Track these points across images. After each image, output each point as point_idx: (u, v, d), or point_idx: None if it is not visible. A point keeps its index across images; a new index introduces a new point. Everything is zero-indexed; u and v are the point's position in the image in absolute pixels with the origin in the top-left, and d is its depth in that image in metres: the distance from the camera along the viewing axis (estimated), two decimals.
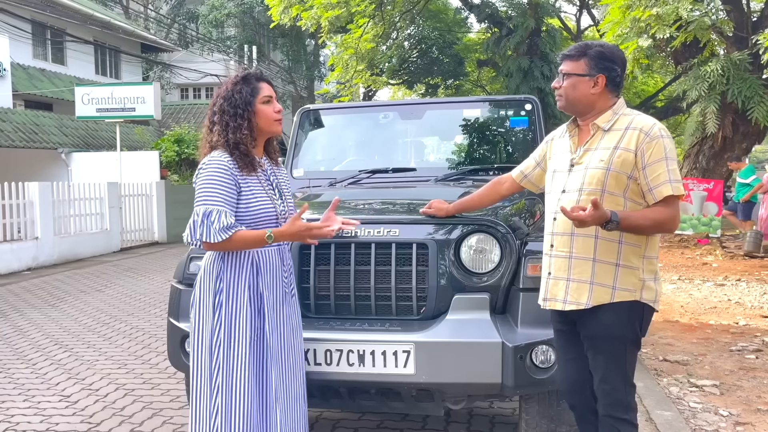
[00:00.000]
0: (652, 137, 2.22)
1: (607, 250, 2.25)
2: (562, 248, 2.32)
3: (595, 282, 2.25)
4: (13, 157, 14.51)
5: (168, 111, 20.89)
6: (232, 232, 2.25)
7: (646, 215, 2.23)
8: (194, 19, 27.35)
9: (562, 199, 2.33)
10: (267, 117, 2.43)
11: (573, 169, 2.33)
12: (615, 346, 2.28)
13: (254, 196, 2.38)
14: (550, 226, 2.38)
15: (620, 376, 2.29)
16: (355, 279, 2.79)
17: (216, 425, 2.32)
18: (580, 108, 2.34)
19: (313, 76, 29.06)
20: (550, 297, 2.35)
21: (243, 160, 2.37)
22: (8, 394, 4.23)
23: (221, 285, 2.37)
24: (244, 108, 2.38)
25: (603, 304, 2.25)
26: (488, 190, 2.85)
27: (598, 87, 2.29)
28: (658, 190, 2.20)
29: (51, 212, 10.81)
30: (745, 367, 4.48)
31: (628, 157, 2.22)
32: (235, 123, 2.37)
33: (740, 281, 8.06)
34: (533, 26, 16.01)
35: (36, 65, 18.78)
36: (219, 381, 2.33)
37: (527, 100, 4.13)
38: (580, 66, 2.29)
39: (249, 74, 2.45)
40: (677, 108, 18.84)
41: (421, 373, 2.57)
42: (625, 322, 2.26)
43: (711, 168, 12.61)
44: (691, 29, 8.77)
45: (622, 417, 2.30)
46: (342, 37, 15.59)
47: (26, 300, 7.64)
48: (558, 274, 2.32)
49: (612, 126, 2.30)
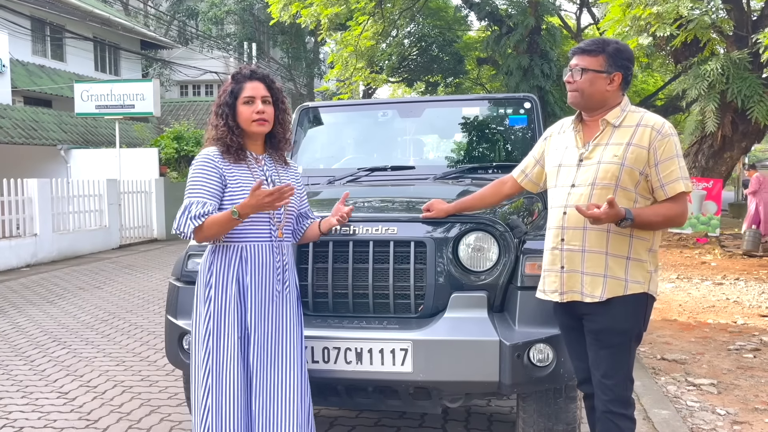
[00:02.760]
0: (664, 135, 2.26)
1: (619, 244, 2.28)
2: (575, 242, 2.33)
3: (608, 275, 2.29)
4: (12, 154, 14.51)
5: (167, 108, 20.90)
6: (202, 219, 2.30)
7: (657, 211, 2.27)
8: (194, 15, 27.32)
9: (573, 193, 2.34)
10: (245, 117, 2.45)
11: (582, 164, 2.34)
12: (620, 340, 2.31)
13: (240, 188, 2.40)
14: (558, 221, 2.38)
15: (622, 372, 2.32)
16: (353, 277, 2.79)
17: (207, 420, 2.35)
18: (592, 104, 2.35)
19: (313, 73, 29.04)
20: (567, 290, 2.35)
21: (228, 152, 2.43)
22: (6, 391, 4.22)
23: (211, 278, 2.41)
24: (225, 107, 2.44)
25: (615, 297, 2.28)
26: (490, 191, 2.84)
27: (614, 84, 2.32)
28: (671, 187, 2.25)
29: (50, 209, 10.80)
30: (743, 366, 4.49)
31: (642, 153, 2.26)
32: (217, 120, 2.45)
33: (739, 280, 8.07)
34: (533, 24, 15.98)
35: (35, 62, 18.76)
36: (208, 373, 2.37)
37: (526, 99, 4.12)
38: (599, 62, 2.30)
39: (238, 73, 2.49)
40: (677, 107, 18.82)
41: (419, 371, 2.57)
42: (633, 315, 2.30)
43: (710, 167, 12.60)
44: (691, 28, 8.77)
45: (622, 412, 2.32)
46: (342, 35, 15.58)
47: (25, 297, 7.64)
48: (572, 267, 2.34)
49: (621, 122, 2.32)
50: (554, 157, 2.49)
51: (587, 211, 2.18)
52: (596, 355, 2.34)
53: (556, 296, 2.39)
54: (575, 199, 2.32)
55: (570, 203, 2.33)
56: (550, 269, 2.41)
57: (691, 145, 13.22)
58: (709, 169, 12.61)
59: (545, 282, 2.43)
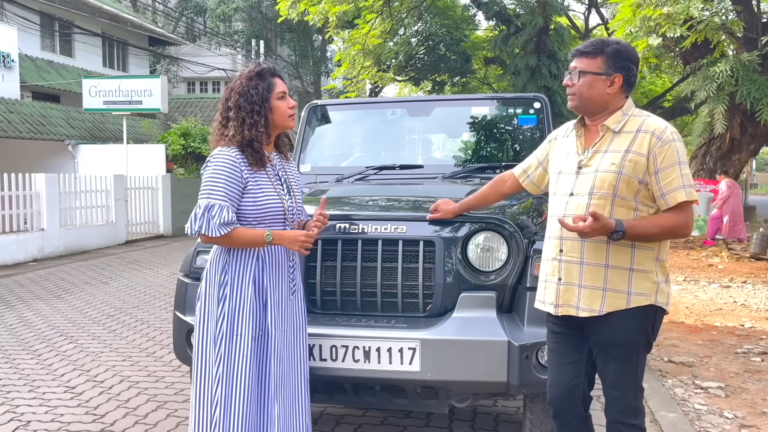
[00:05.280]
0: (665, 141, 2.14)
1: (620, 255, 2.17)
2: (573, 253, 2.23)
3: (608, 288, 2.18)
4: (20, 149, 14.57)
5: (175, 104, 20.93)
6: (231, 228, 2.29)
7: (654, 223, 2.16)
8: (202, 12, 27.39)
9: (571, 202, 2.25)
10: (282, 113, 2.44)
11: (581, 172, 2.24)
12: (628, 352, 2.22)
13: (262, 192, 2.38)
14: (557, 230, 2.28)
15: (631, 382, 2.24)
16: (361, 275, 2.79)
17: (215, 417, 2.33)
18: (592, 107, 2.25)
19: (320, 71, 29.07)
20: (563, 303, 2.26)
21: (254, 157, 2.38)
22: (13, 385, 4.24)
23: (226, 278, 2.38)
24: (261, 104, 2.39)
25: (617, 311, 2.18)
26: (491, 189, 2.80)
27: (614, 87, 2.20)
28: (671, 196, 2.13)
29: (57, 204, 10.84)
30: (751, 370, 4.47)
31: (640, 161, 2.14)
32: (252, 120, 2.37)
33: (746, 283, 8.03)
34: (541, 24, 15.95)
35: (44, 57, 18.81)
36: (220, 373, 2.35)
37: (536, 99, 4.11)
38: (597, 64, 2.20)
39: (263, 69, 2.45)
40: (685, 108, 18.78)
41: (427, 370, 2.57)
42: (639, 327, 2.20)
43: (718, 169, 12.55)
44: (701, 29, 8.72)
45: (631, 423, 2.25)
46: (349, 33, 15.59)
47: (32, 291, 7.67)
48: (569, 279, 2.24)
49: (622, 128, 2.21)
50: (556, 162, 2.40)
51: (569, 225, 2.10)
52: (604, 365, 2.26)
53: (551, 308, 2.31)
54: (573, 208, 2.22)
55: (568, 212, 2.23)
56: (548, 280, 2.32)
57: (699, 147, 13.18)
58: (717, 171, 12.56)
59: (544, 292, 2.35)
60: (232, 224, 2.29)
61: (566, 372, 2.35)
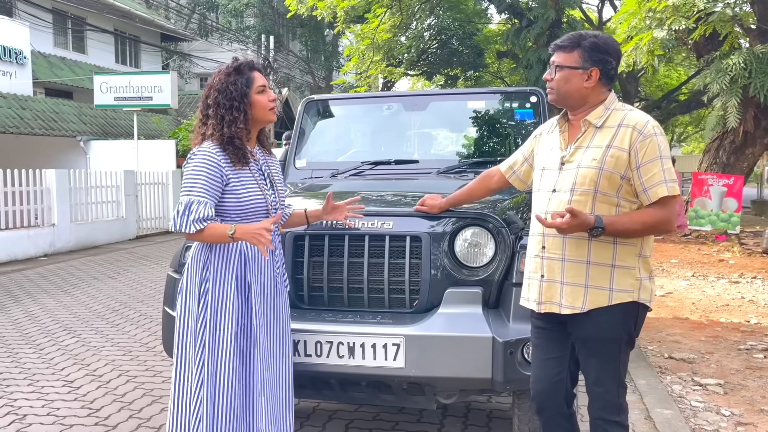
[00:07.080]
0: (646, 135, 2.12)
1: (602, 252, 2.16)
2: (555, 250, 2.23)
3: (590, 285, 2.17)
4: (33, 145, 14.72)
5: (186, 100, 21.03)
6: (206, 224, 2.27)
7: (635, 219, 2.14)
8: (214, 8, 27.47)
9: (553, 198, 2.24)
10: (263, 107, 2.42)
11: (564, 168, 2.23)
12: (610, 349, 2.21)
13: (245, 188, 2.37)
14: (540, 227, 2.27)
15: (614, 378, 2.23)
16: (348, 271, 2.78)
17: (200, 414, 2.32)
18: (571, 102, 2.24)
19: (332, 66, 29.07)
20: (545, 300, 2.25)
21: (236, 154, 2.36)
22: (13, 378, 4.29)
23: (207, 274, 2.37)
24: (240, 100, 2.37)
25: (599, 308, 2.17)
26: (477, 184, 2.79)
27: (592, 80, 2.18)
28: (653, 191, 2.11)
29: (68, 199, 10.94)
30: (752, 367, 4.40)
31: (622, 156, 2.13)
32: (231, 116, 2.35)
33: (756, 279, 7.92)
34: (554, 17, 15.79)
35: (57, 53, 19.00)
36: (203, 369, 2.33)
37: (533, 93, 4.06)
38: (573, 58, 2.19)
39: (242, 64, 2.43)
40: (700, 101, 18.51)
41: (411, 366, 2.55)
42: (621, 324, 2.19)
43: (731, 163, 12.36)
44: (711, 21, 8.58)
45: (614, 419, 2.24)
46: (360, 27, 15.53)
47: (40, 286, 7.75)
48: (552, 276, 2.24)
49: (604, 122, 2.19)
50: (540, 158, 2.39)
51: (547, 221, 2.08)
52: (586, 361, 2.26)
53: (534, 305, 2.31)
54: (555, 204, 2.21)
55: (550, 209, 2.21)
56: (531, 277, 2.32)
57: (712, 141, 12.98)
58: (731, 165, 12.38)
59: (528, 289, 2.34)
60: (208, 220, 2.28)
61: (550, 368, 2.34)
